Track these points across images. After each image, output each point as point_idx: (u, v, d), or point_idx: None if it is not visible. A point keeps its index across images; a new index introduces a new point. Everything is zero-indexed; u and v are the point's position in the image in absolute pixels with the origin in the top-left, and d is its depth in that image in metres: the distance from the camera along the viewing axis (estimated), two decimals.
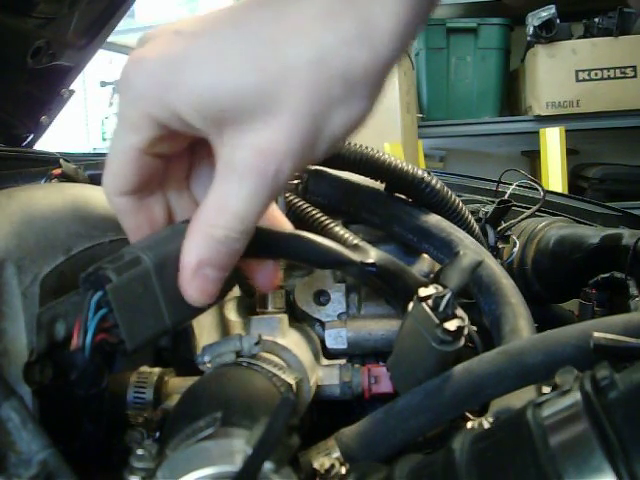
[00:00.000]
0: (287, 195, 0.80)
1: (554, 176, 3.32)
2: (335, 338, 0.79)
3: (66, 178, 0.82)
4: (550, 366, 0.47)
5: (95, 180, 0.86)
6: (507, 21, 3.73)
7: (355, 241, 0.74)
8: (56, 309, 0.51)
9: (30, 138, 1.34)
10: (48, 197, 0.59)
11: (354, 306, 0.83)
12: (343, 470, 0.48)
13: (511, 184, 1.16)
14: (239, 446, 0.39)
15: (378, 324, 0.80)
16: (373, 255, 0.59)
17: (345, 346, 0.79)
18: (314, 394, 0.65)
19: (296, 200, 0.80)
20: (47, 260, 0.52)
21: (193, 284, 0.46)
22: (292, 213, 0.79)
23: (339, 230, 0.76)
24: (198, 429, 0.42)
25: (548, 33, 3.39)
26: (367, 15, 0.41)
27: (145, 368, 0.62)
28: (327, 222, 0.77)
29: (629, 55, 3.42)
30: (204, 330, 0.66)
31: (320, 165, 0.86)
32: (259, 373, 0.54)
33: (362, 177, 0.84)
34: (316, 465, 0.49)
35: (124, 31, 4.11)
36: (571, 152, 3.63)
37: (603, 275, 0.94)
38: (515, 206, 1.03)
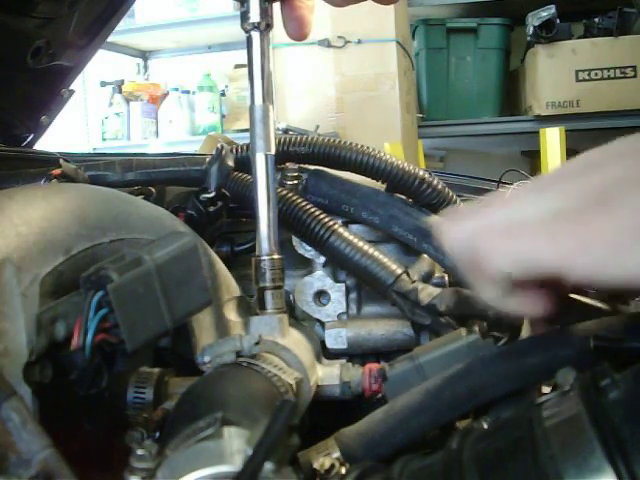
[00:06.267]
0: (290, 195, 0.80)
1: None
2: (335, 338, 0.79)
3: (66, 178, 0.82)
4: (550, 366, 0.47)
5: (95, 180, 0.86)
6: (507, 21, 3.73)
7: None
8: (56, 309, 0.51)
9: (30, 138, 1.34)
10: (48, 197, 0.59)
11: (354, 306, 0.83)
12: (343, 470, 0.48)
13: (511, 184, 1.16)
14: (239, 446, 0.39)
15: (378, 324, 0.80)
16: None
17: (345, 346, 0.79)
18: (314, 394, 0.65)
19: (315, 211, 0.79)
20: (47, 260, 0.52)
21: None
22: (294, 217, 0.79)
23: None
24: (198, 429, 0.42)
25: (548, 33, 3.39)
26: None
27: (145, 368, 0.62)
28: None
29: (629, 55, 3.42)
30: (204, 330, 0.66)
31: (320, 165, 0.86)
32: (259, 373, 0.54)
33: (362, 177, 0.84)
34: (316, 465, 0.49)
35: (124, 31, 4.11)
36: (571, 152, 3.63)
37: None
38: None
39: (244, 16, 0.65)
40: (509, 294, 0.42)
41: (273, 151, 0.66)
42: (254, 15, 0.64)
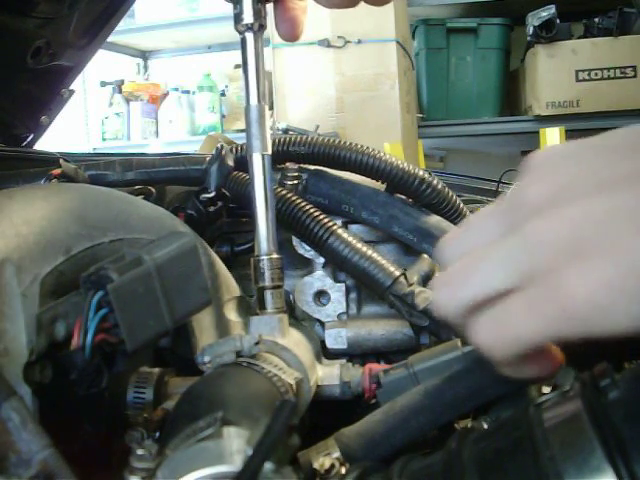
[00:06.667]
0: (289, 195, 0.80)
1: None
2: (335, 338, 0.79)
3: (66, 178, 0.82)
4: None
5: (95, 180, 0.86)
6: (507, 21, 3.73)
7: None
8: (56, 309, 0.51)
9: (30, 138, 1.34)
10: (48, 197, 0.58)
11: (354, 306, 0.83)
12: (343, 470, 0.48)
13: (511, 184, 1.16)
14: (239, 446, 0.39)
15: (378, 324, 0.80)
16: None
17: (345, 346, 0.79)
18: (314, 394, 0.65)
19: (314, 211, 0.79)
20: (47, 260, 0.52)
21: None
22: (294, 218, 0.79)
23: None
24: (198, 429, 0.42)
25: (548, 33, 3.39)
26: None
27: (145, 368, 0.62)
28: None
29: (629, 55, 3.42)
30: (204, 330, 0.66)
31: (320, 165, 0.86)
32: (259, 373, 0.54)
33: (362, 177, 0.84)
34: (316, 465, 0.49)
35: (124, 31, 4.11)
36: None
37: None
38: None
39: (237, 18, 0.65)
40: (521, 366, 0.39)
41: (269, 151, 0.66)
42: (247, 16, 0.65)
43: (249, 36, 0.65)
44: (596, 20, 3.45)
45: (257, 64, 0.66)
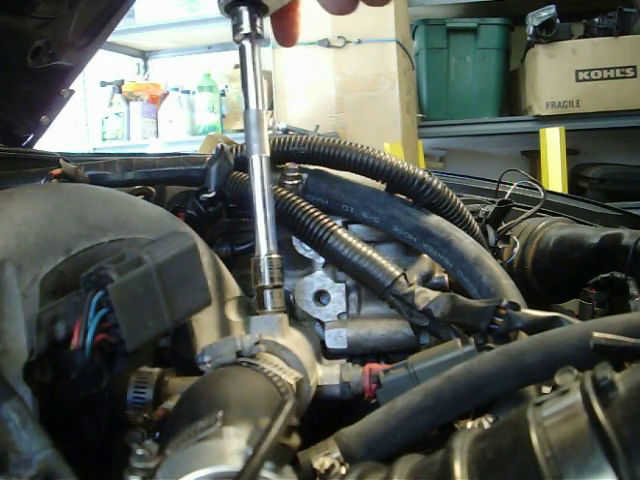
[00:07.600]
0: (289, 195, 0.80)
1: (554, 176, 3.33)
2: (335, 338, 0.79)
3: (66, 178, 0.82)
4: (550, 366, 0.47)
5: (95, 180, 0.86)
6: (507, 21, 3.73)
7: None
8: (56, 309, 0.51)
9: (30, 138, 1.34)
10: (48, 197, 0.59)
11: (354, 306, 0.83)
12: (343, 470, 0.48)
13: (511, 184, 1.16)
14: (239, 446, 0.39)
15: (378, 324, 0.80)
16: None
17: (345, 346, 0.79)
18: (314, 394, 0.65)
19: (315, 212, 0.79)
20: (47, 260, 0.52)
21: None
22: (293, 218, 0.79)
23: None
24: (198, 429, 0.42)
25: (548, 33, 3.39)
26: None
27: (145, 368, 0.61)
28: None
29: (629, 55, 3.42)
30: (204, 330, 0.66)
31: (320, 165, 0.86)
32: (259, 373, 0.54)
33: (362, 177, 0.84)
34: (316, 465, 0.49)
35: (124, 31, 4.11)
36: (571, 152, 3.63)
37: (603, 275, 0.94)
38: (515, 206, 1.03)
39: (235, 28, 0.67)
40: None
41: (268, 153, 0.67)
42: (245, 27, 0.67)
43: (247, 45, 0.67)
44: (596, 20, 3.45)
45: (255, 70, 0.68)
